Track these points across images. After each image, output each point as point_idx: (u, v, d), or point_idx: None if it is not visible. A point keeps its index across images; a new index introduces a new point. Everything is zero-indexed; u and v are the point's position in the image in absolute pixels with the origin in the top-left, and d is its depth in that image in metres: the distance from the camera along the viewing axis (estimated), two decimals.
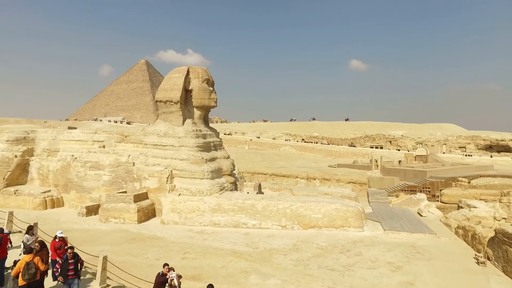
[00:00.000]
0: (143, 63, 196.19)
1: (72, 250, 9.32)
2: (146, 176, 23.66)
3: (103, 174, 25.24)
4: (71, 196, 26.25)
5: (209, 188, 22.24)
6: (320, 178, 43.96)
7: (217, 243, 17.70)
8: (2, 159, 27.64)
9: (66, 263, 8.99)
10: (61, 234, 10.28)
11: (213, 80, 27.01)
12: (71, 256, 9.16)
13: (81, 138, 28.40)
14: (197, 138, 24.80)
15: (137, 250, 16.28)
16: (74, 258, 9.20)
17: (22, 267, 8.19)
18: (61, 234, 10.27)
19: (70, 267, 9.01)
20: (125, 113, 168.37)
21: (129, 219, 21.42)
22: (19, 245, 11.35)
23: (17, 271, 8.24)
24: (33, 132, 30.70)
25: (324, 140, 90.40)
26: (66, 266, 8.96)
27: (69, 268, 9.00)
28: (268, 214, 20.71)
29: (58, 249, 9.94)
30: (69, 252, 9.19)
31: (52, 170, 27.28)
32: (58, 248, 9.98)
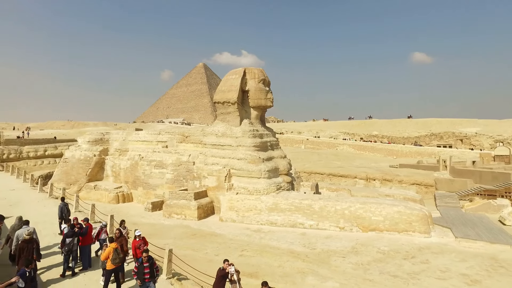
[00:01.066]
0: (201, 66, 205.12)
1: (147, 253, 9.33)
2: (205, 175, 24.69)
3: (166, 172, 26.91)
4: (139, 192, 28.45)
5: (266, 187, 22.43)
6: (380, 178, 41.68)
7: (274, 242, 17.77)
8: (85, 158, 31.10)
9: (141, 267, 9.01)
10: (139, 233, 10.36)
11: (269, 80, 27.21)
12: (146, 259, 9.14)
13: (147, 139, 30.70)
14: (254, 138, 25.18)
15: (197, 245, 17.04)
16: (149, 262, 9.17)
17: (112, 253, 9.36)
18: (139, 233, 10.33)
19: (146, 271, 9.03)
20: (185, 114, 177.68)
21: (190, 215, 22.54)
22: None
23: (106, 256, 9.31)
24: (107, 134, 34.03)
25: (384, 139, 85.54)
26: (142, 269, 8.98)
27: (145, 271, 9.01)
28: (325, 215, 20.21)
29: (137, 248, 10.00)
30: (144, 256, 9.18)
31: (123, 168, 29.88)
32: (138, 247, 10.05)
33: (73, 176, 30.84)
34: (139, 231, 10.45)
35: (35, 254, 9.10)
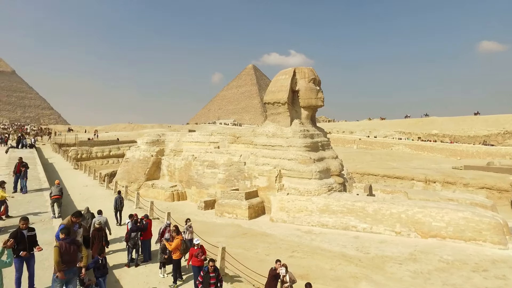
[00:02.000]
0: (251, 68, 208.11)
1: (214, 263, 8.83)
2: (256, 175, 24.98)
3: (218, 172, 27.73)
4: (192, 191, 29.71)
5: (317, 188, 22.03)
6: (441, 181, 38.54)
7: (325, 244, 17.37)
8: (143, 158, 33.38)
9: (207, 276, 8.57)
10: (198, 241, 10.07)
11: (319, 79, 26.70)
12: (212, 269, 8.65)
13: (199, 140, 31.96)
14: (305, 138, 24.89)
15: (248, 244, 17.29)
16: (215, 272, 8.68)
17: (180, 244, 10.14)
18: (197, 242, 10.04)
19: (212, 281, 8.55)
20: (236, 115, 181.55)
21: (241, 215, 22.96)
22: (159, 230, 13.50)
23: (175, 247, 10.03)
24: (163, 135, 36.13)
25: (445, 138, 78.95)
26: (208, 279, 8.55)
27: (211, 282, 8.55)
28: (380, 218, 19.25)
29: (195, 257, 9.73)
30: (211, 265, 8.65)
31: (177, 168, 31.46)
32: (195, 255, 9.75)
33: (133, 174, 33.23)
34: (198, 239, 10.19)
35: (103, 241, 10.18)
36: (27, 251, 8.05)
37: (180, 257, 10.16)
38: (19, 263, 7.94)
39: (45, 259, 9.55)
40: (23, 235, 8.15)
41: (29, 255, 8.15)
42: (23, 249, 7.99)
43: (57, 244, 7.41)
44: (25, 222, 8.41)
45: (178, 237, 10.35)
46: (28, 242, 8.17)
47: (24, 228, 8.30)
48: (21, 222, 8.40)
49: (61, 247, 7.25)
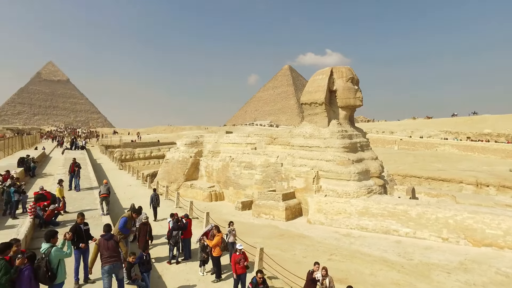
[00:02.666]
0: (287, 69, 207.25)
1: (262, 274, 8.29)
2: (293, 176, 24.81)
3: (255, 173, 27.93)
4: (230, 192, 30.17)
5: (356, 190, 21.40)
6: (496, 185, 35.59)
7: (365, 248, 16.80)
8: (183, 159, 34.54)
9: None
10: (241, 247, 9.68)
11: (357, 78, 25.95)
12: (261, 281, 8.10)
13: (236, 141, 32.41)
14: (343, 139, 24.31)
15: (285, 246, 17.20)
16: (264, 284, 8.13)
17: (221, 241, 10.41)
18: (240, 247, 9.64)
19: None
20: (272, 117, 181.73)
21: (278, 216, 22.92)
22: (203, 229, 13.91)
23: (215, 244, 10.26)
24: (201, 137, 37.12)
25: (501, 138, 72.85)
26: None
27: None
28: (424, 223, 18.23)
29: (237, 263, 9.29)
30: (259, 277, 8.11)
31: (215, 169, 32.14)
32: (237, 262, 9.31)
33: (173, 175, 34.48)
34: (240, 245, 9.74)
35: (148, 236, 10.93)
36: (84, 243, 8.83)
37: (220, 254, 10.36)
38: (78, 254, 8.71)
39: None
40: (81, 229, 8.98)
41: (86, 247, 8.91)
42: (81, 242, 8.78)
43: (97, 241, 8.02)
44: (81, 218, 9.26)
45: (218, 235, 10.60)
46: (85, 235, 9.00)
47: (81, 222, 9.13)
48: (79, 218, 9.26)
49: (99, 244, 7.84)
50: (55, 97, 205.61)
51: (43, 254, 6.73)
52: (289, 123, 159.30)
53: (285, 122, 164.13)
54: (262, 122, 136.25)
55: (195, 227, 13.39)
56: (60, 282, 6.91)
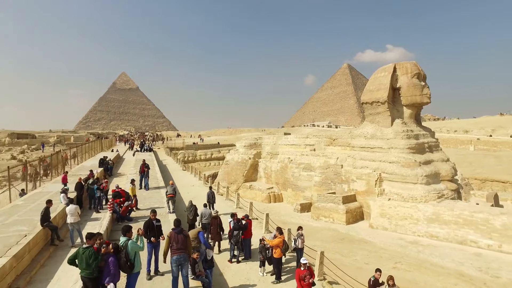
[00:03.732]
0: (346, 67, 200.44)
1: None
2: (354, 179, 23.87)
3: (314, 175, 27.47)
4: (288, 193, 30.09)
5: (424, 194, 19.80)
6: None
7: (436, 258, 15.45)
8: (242, 161, 35.42)
9: None
10: (305, 261, 9.02)
11: (424, 74, 24.06)
12: None
13: (295, 143, 32.21)
14: (408, 139, 22.71)
15: (345, 250, 16.61)
16: None
17: (282, 243, 10.40)
18: (305, 262, 8.97)
19: None
20: (331, 117, 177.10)
21: (338, 219, 22.22)
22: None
23: (277, 244, 10.32)
24: (260, 139, 37.65)
25: None
26: None
27: None
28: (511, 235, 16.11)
29: (302, 280, 8.64)
30: None
31: (274, 170, 32.33)
32: (302, 278, 8.65)
33: (233, 176, 35.50)
34: (305, 259, 9.08)
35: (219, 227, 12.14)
36: (155, 238, 9.53)
37: (280, 255, 10.36)
38: (150, 248, 9.43)
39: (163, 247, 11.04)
40: (153, 224, 9.72)
41: (157, 242, 9.61)
42: (153, 236, 9.50)
43: (168, 234, 8.67)
44: (154, 214, 10.04)
45: (280, 237, 10.60)
46: (156, 230, 9.69)
47: (153, 218, 9.89)
48: (151, 214, 10.04)
49: (170, 237, 8.51)
50: (127, 104, 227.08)
51: (121, 246, 7.57)
52: (348, 123, 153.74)
53: (345, 123, 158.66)
54: (321, 123, 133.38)
55: (254, 227, 13.63)
56: (136, 271, 7.69)
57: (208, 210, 13.58)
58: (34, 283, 8.83)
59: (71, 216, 11.26)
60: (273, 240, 10.62)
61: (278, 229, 11.06)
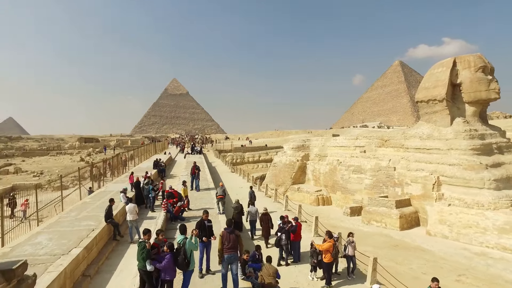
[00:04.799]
0: (397, 65, 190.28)
1: None
2: (408, 182, 22.50)
3: (364, 177, 26.41)
4: (337, 196, 29.27)
5: (493, 201, 17.95)
6: None
7: (511, 275, 13.89)
8: (290, 163, 35.26)
9: None
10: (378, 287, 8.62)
11: (492, 67, 21.94)
12: None
13: (344, 144, 31.26)
14: (471, 140, 20.84)
15: (400, 258, 15.70)
16: None
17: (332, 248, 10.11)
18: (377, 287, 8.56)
19: None
20: (381, 117, 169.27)
21: (391, 224, 21.09)
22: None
23: (326, 249, 10.07)
24: (308, 141, 37.17)
25: None
26: None
27: None
28: None
29: None
30: None
31: (322, 173, 31.68)
32: None
33: (280, 178, 35.45)
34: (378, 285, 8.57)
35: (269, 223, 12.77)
36: (207, 237, 9.86)
37: (330, 260, 10.12)
38: (202, 247, 9.78)
39: (214, 246, 11.36)
40: (205, 224, 10.06)
41: (208, 241, 9.93)
42: (205, 236, 9.84)
43: (221, 233, 8.92)
44: (206, 215, 10.37)
45: (330, 241, 10.36)
46: (208, 231, 10.02)
47: (205, 219, 10.22)
48: (204, 214, 10.39)
49: (223, 236, 8.77)
50: (178, 108, 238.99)
51: (179, 244, 8.04)
52: (401, 123, 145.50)
53: (397, 123, 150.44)
54: (371, 123, 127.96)
55: (304, 230, 13.46)
56: (191, 269, 8.11)
57: (254, 208, 14.08)
58: (101, 273, 9.67)
59: (130, 214, 12.09)
60: (323, 244, 10.38)
61: (328, 232, 10.78)
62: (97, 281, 9.17)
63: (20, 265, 4.96)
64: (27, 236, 10.52)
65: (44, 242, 9.71)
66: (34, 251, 8.95)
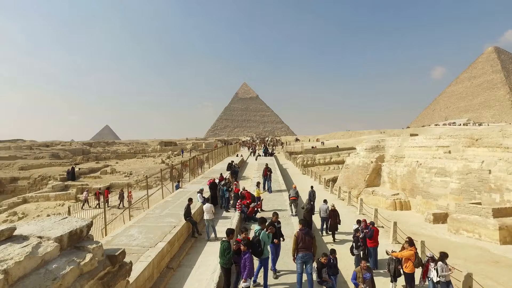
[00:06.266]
0: (491, 51, 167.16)
1: None
2: (510, 187, 19.53)
3: (450, 181, 23.77)
4: (417, 201, 26.86)
5: None
6: None
7: None
8: (363, 165, 33.59)
9: None
10: None
11: None
12: None
13: (425, 144, 28.58)
14: None
15: (503, 277, 13.61)
16: None
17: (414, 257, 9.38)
18: None
19: None
20: (470, 113, 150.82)
21: (487, 236, 18.52)
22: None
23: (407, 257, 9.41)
24: (382, 141, 34.97)
25: None
26: None
27: None
28: None
29: None
30: None
31: (399, 175, 29.43)
32: None
33: (353, 181, 33.93)
34: None
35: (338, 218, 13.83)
36: (277, 239, 10.03)
37: (412, 270, 9.36)
38: (272, 247, 9.93)
39: (285, 247, 11.40)
40: (275, 226, 10.24)
41: (278, 242, 10.09)
42: (274, 237, 9.95)
43: (296, 234, 8.93)
44: (276, 216, 10.63)
45: (411, 249, 9.55)
46: (278, 232, 10.19)
47: (275, 220, 10.48)
48: (274, 216, 10.65)
49: (298, 237, 8.79)
50: (248, 111, 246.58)
51: (256, 233, 8.86)
52: (496, 119, 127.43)
53: (491, 119, 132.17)
54: (457, 120, 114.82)
55: (381, 236, 12.66)
56: (266, 257, 8.82)
57: (325, 206, 14.71)
58: (181, 266, 10.46)
59: (207, 213, 12.81)
60: (403, 252, 9.60)
61: (409, 240, 9.94)
62: (179, 274, 9.90)
63: (121, 253, 5.66)
64: (122, 228, 11.89)
65: (135, 235, 10.89)
66: (128, 242, 10.10)
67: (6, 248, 4.09)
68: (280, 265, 10.05)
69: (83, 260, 4.73)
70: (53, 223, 5.19)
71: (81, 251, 4.92)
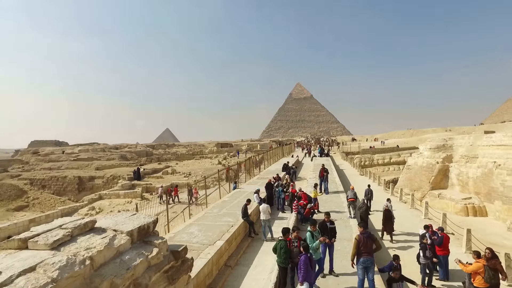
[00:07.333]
0: None
1: None
2: None
3: None
4: (496, 207, 24.05)
5: None
6: None
7: None
8: (427, 165, 31.11)
9: None
10: None
11: None
12: None
13: (504, 143, 25.45)
14: None
15: None
16: None
17: (483, 270, 8.20)
18: None
19: None
20: None
21: None
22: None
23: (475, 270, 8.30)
24: (450, 140, 31.98)
25: None
26: None
27: None
28: None
29: None
30: None
31: (471, 177, 26.66)
32: None
33: (416, 182, 31.57)
34: None
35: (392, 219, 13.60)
36: (329, 239, 9.78)
37: (483, 286, 8.20)
38: (323, 247, 9.74)
39: (343, 250, 11.19)
40: (327, 226, 10.17)
41: (330, 243, 9.87)
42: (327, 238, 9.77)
43: (357, 237, 8.59)
44: (328, 216, 10.50)
45: (478, 261, 8.44)
46: (330, 232, 10.03)
47: (327, 221, 10.34)
48: (325, 216, 10.55)
49: (359, 240, 8.44)
50: (302, 112, 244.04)
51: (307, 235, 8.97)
52: None
53: None
54: None
55: (451, 244, 11.52)
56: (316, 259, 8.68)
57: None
58: (239, 265, 10.69)
59: (263, 214, 12.93)
60: (468, 266, 8.56)
61: (475, 252, 8.76)
62: (237, 272, 10.13)
63: (183, 249, 6.00)
64: (183, 226, 12.54)
65: (195, 232, 11.41)
66: (189, 239, 10.62)
67: (90, 238, 4.73)
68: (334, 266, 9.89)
69: (151, 254, 5.12)
70: (124, 218, 5.69)
71: (148, 245, 5.33)
